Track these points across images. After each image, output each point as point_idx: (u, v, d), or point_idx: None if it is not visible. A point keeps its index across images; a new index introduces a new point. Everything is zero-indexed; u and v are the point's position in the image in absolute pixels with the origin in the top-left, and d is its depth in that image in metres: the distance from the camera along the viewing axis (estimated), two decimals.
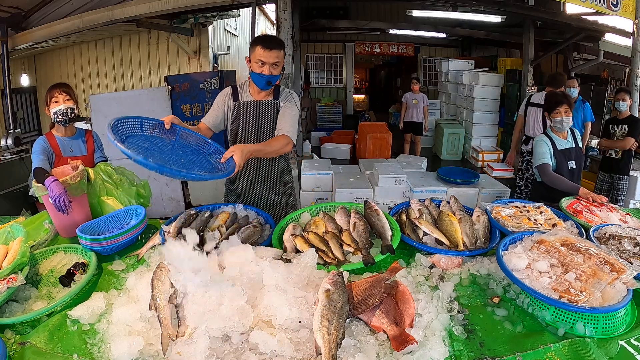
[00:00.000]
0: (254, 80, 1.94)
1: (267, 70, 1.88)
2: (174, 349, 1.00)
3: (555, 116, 2.52)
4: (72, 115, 2.15)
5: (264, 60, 1.86)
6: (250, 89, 2.04)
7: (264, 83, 1.92)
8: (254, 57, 1.88)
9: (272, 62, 1.87)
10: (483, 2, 5.65)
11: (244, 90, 2.06)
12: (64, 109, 2.12)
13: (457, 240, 1.49)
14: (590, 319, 1.06)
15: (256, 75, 1.90)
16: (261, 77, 1.90)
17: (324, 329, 0.96)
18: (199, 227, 1.60)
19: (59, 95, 2.11)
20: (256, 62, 1.88)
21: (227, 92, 2.06)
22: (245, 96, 2.05)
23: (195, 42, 6.44)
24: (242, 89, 2.06)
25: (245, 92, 2.05)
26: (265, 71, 1.88)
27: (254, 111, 2.03)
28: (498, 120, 7.23)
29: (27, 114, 6.47)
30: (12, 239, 1.45)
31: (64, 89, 2.13)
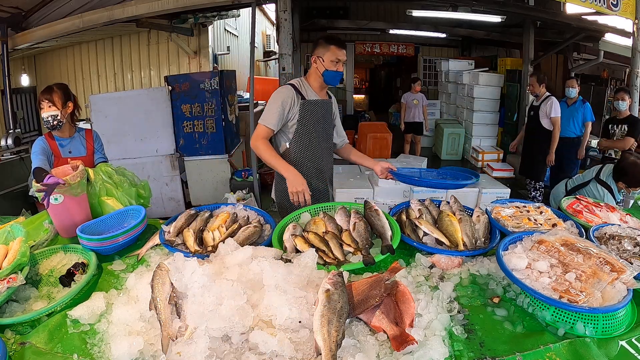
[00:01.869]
0: (329, 78, 2.04)
1: (340, 68, 2.04)
2: (174, 349, 1.00)
3: (635, 189, 2.61)
4: (55, 122, 2.13)
5: (340, 58, 2.01)
6: (313, 87, 2.11)
7: (337, 80, 2.06)
8: (329, 56, 2.00)
9: (344, 59, 2.04)
10: (483, 2, 5.65)
11: (306, 89, 2.09)
12: (46, 117, 2.12)
13: (457, 240, 1.49)
14: (590, 319, 1.06)
15: (332, 73, 2.02)
16: (337, 74, 2.03)
17: (324, 329, 0.96)
18: (199, 227, 1.61)
19: (43, 102, 2.12)
20: (332, 61, 2.00)
21: (290, 91, 2.05)
22: (310, 95, 2.09)
23: (195, 42, 6.45)
24: (302, 88, 2.08)
25: (308, 91, 2.09)
26: (340, 68, 2.03)
27: (322, 110, 2.11)
28: (498, 120, 7.23)
29: (27, 114, 6.47)
30: (12, 239, 1.44)
31: (46, 96, 2.12)
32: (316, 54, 2.05)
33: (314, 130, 2.09)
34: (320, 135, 2.12)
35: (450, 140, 7.31)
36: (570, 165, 4.59)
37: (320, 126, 2.11)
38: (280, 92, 2.05)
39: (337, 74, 2.04)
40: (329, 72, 2.03)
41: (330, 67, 2.02)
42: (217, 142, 4.89)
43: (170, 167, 4.78)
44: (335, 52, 2.00)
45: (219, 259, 1.31)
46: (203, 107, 4.75)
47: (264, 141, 1.99)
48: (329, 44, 2.00)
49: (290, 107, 2.03)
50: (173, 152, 4.78)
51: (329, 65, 2.02)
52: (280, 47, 3.99)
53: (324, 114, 2.12)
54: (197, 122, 4.79)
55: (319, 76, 2.06)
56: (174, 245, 1.52)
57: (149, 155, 4.69)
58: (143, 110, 4.62)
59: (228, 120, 5.00)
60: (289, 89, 2.05)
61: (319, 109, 2.10)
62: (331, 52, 2.00)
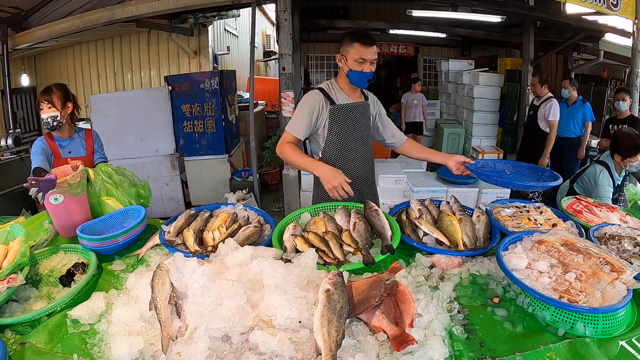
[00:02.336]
0: (353, 79, 1.87)
1: (367, 68, 1.83)
2: (174, 349, 1.00)
3: (631, 161, 2.58)
4: (55, 123, 2.14)
5: (364, 57, 1.81)
6: (343, 89, 1.95)
7: (364, 81, 1.87)
8: (352, 55, 1.81)
9: (372, 58, 1.82)
10: (483, 2, 5.65)
11: (335, 92, 1.94)
12: (46, 118, 2.12)
13: (457, 240, 1.49)
14: (590, 319, 1.06)
15: (356, 73, 1.84)
16: (362, 75, 1.84)
17: (324, 329, 0.96)
18: (199, 227, 1.61)
19: (42, 103, 2.12)
20: (355, 60, 1.81)
21: (318, 96, 1.90)
22: (341, 98, 1.93)
23: (195, 42, 6.45)
24: (332, 91, 1.94)
25: (338, 94, 1.94)
26: (365, 69, 1.83)
27: (353, 114, 1.94)
28: (498, 120, 7.23)
29: (27, 114, 6.47)
30: (12, 239, 1.44)
31: (46, 97, 2.12)
32: (341, 51, 1.88)
33: (348, 136, 1.93)
34: (356, 141, 1.96)
35: (450, 140, 7.31)
36: (570, 165, 4.59)
37: (353, 132, 1.95)
38: (307, 98, 1.91)
39: (362, 75, 1.84)
40: (354, 73, 1.85)
41: (355, 67, 1.83)
42: (217, 142, 4.89)
43: (170, 167, 4.78)
44: (359, 50, 1.80)
45: (219, 259, 1.31)
46: (203, 107, 4.76)
47: (289, 144, 1.85)
48: (353, 41, 1.81)
49: (318, 114, 1.89)
50: (173, 152, 4.78)
51: (352, 65, 1.83)
52: (280, 47, 3.99)
53: (357, 117, 1.95)
54: (197, 122, 4.79)
55: (345, 77, 1.90)
56: (174, 245, 1.52)
57: (149, 155, 4.69)
58: (143, 110, 4.62)
59: (228, 120, 5.00)
60: (317, 94, 1.91)
61: (351, 113, 1.93)
62: (355, 49, 1.81)
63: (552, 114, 4.31)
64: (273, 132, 7.02)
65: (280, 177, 4.52)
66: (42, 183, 1.57)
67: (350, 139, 1.94)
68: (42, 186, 1.57)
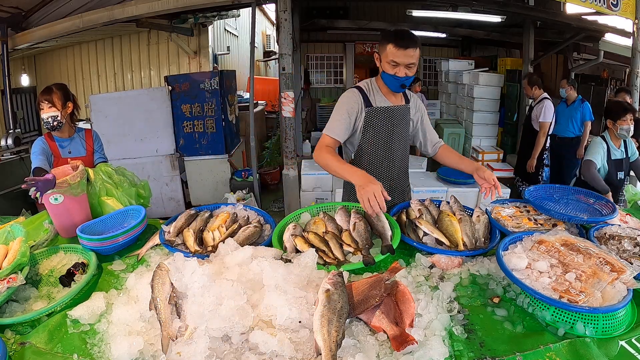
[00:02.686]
0: (386, 82, 1.75)
1: (401, 72, 1.67)
2: (174, 349, 1.00)
3: (622, 124, 2.67)
4: (55, 123, 2.14)
5: (397, 61, 1.65)
6: (382, 90, 1.82)
7: (397, 86, 1.72)
8: (386, 56, 1.67)
9: (407, 62, 1.66)
10: (483, 2, 5.65)
11: (374, 93, 1.81)
12: (46, 118, 2.12)
13: (457, 240, 1.49)
14: (590, 319, 1.06)
15: (389, 77, 1.70)
16: (395, 79, 1.69)
17: (324, 329, 0.96)
18: (199, 227, 1.61)
19: (43, 103, 2.11)
20: (388, 62, 1.67)
21: (357, 97, 1.78)
22: (379, 100, 1.81)
23: (195, 42, 6.45)
24: (370, 92, 1.81)
25: (377, 95, 1.81)
26: (399, 73, 1.67)
27: (391, 118, 1.82)
28: (498, 120, 7.23)
29: (27, 114, 6.47)
30: (12, 239, 1.44)
31: (46, 97, 2.11)
32: (378, 49, 1.72)
33: (382, 143, 1.82)
34: (382, 144, 1.84)
35: (450, 140, 7.31)
36: (570, 165, 4.59)
37: (389, 138, 1.83)
38: (346, 98, 1.78)
39: (395, 79, 1.68)
40: (386, 76, 1.70)
41: (387, 70, 1.68)
42: (217, 142, 4.89)
43: (170, 167, 4.78)
44: (392, 52, 1.64)
45: (219, 259, 1.31)
46: (203, 107, 4.76)
47: (327, 148, 1.69)
48: (387, 41, 1.65)
49: (357, 116, 1.76)
50: (173, 152, 4.78)
51: (385, 67, 1.69)
52: (280, 47, 3.99)
53: (394, 123, 1.82)
54: (197, 122, 4.79)
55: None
56: (174, 245, 1.52)
57: (149, 155, 4.69)
58: (143, 110, 4.62)
59: (228, 120, 5.01)
60: (355, 94, 1.78)
61: (388, 118, 1.81)
62: (388, 50, 1.65)
63: (542, 115, 4.28)
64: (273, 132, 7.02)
65: (280, 177, 4.52)
66: (40, 183, 1.57)
67: (384, 145, 1.84)
68: (40, 186, 1.57)
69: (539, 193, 1.86)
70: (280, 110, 4.15)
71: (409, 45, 1.64)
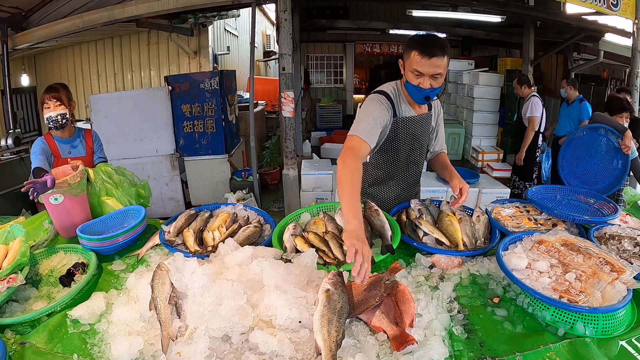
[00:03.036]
0: (410, 92, 1.61)
1: (426, 83, 1.51)
2: (174, 349, 1.00)
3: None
4: (64, 121, 2.13)
5: (421, 70, 1.49)
6: (407, 98, 1.69)
7: (421, 98, 1.58)
8: (409, 64, 1.52)
9: (433, 73, 1.49)
10: (483, 2, 5.65)
11: (400, 102, 1.68)
12: (54, 116, 2.10)
13: (457, 240, 1.49)
14: (590, 319, 1.06)
15: (412, 87, 1.55)
16: (419, 91, 1.54)
17: (324, 329, 0.96)
18: (199, 227, 1.61)
19: (49, 102, 2.09)
20: (412, 72, 1.52)
21: (385, 105, 1.63)
22: (404, 110, 1.68)
23: (195, 42, 6.45)
24: (397, 99, 1.67)
25: (403, 104, 1.68)
26: (423, 84, 1.51)
27: (414, 128, 1.73)
28: (498, 120, 7.23)
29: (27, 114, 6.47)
30: (12, 239, 1.45)
31: (54, 94, 2.10)
32: (403, 56, 1.58)
33: (400, 147, 1.74)
34: (405, 153, 1.76)
35: (450, 140, 7.31)
36: None
37: (408, 145, 1.75)
38: (374, 106, 1.61)
39: (418, 90, 1.53)
40: (409, 86, 1.56)
41: (411, 79, 1.53)
42: (217, 142, 4.89)
43: (170, 167, 4.78)
44: (417, 60, 1.48)
45: (219, 259, 1.31)
46: (203, 107, 4.76)
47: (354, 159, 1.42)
48: (411, 48, 1.49)
49: (385, 125, 1.63)
50: (173, 152, 4.78)
51: (409, 76, 1.54)
52: (280, 47, 3.99)
53: (417, 133, 1.74)
54: (197, 122, 4.79)
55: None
56: (174, 245, 1.52)
57: (149, 155, 4.69)
58: (143, 110, 4.62)
59: (228, 120, 5.01)
60: (384, 102, 1.63)
61: (412, 128, 1.71)
62: (412, 58, 1.49)
63: (529, 110, 4.41)
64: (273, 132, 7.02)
65: (280, 177, 4.52)
66: (38, 185, 1.55)
67: (403, 155, 1.77)
68: (38, 188, 1.55)
69: (541, 193, 1.88)
70: (280, 110, 4.15)
71: (435, 54, 1.46)
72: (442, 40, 1.51)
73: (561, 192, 1.91)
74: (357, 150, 1.48)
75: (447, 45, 1.50)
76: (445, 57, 1.49)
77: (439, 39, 1.52)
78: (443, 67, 1.50)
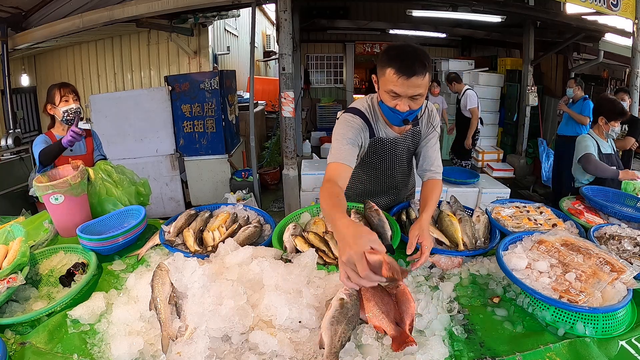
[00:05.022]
0: (385, 114, 1.44)
1: (403, 106, 1.32)
2: (174, 349, 1.00)
3: (614, 125, 2.65)
4: (82, 115, 2.21)
5: (398, 92, 1.30)
6: (384, 118, 1.53)
7: (398, 121, 1.39)
8: (385, 84, 1.32)
9: (412, 94, 1.30)
10: (483, 2, 5.65)
11: (376, 120, 1.54)
12: (75, 108, 2.17)
13: (457, 240, 1.49)
14: (590, 319, 1.06)
15: (388, 110, 1.37)
16: (395, 114, 1.36)
17: (332, 327, 0.96)
18: (199, 227, 1.61)
19: (69, 95, 2.17)
20: (387, 92, 1.32)
21: (359, 125, 1.49)
22: (382, 129, 1.55)
23: (195, 42, 6.44)
24: (373, 118, 1.53)
25: (379, 123, 1.54)
26: (400, 107, 1.32)
27: (395, 149, 1.60)
28: (498, 120, 7.24)
29: (27, 114, 6.47)
30: (12, 239, 1.44)
31: (71, 88, 2.19)
32: (377, 70, 1.38)
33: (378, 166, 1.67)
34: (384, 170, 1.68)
35: (450, 140, 7.31)
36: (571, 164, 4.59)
37: (388, 163, 1.66)
38: (347, 127, 1.47)
39: (394, 113, 1.36)
40: (385, 108, 1.38)
41: (385, 99, 1.35)
42: (217, 142, 4.89)
43: (170, 167, 4.78)
44: (392, 80, 1.28)
45: (219, 259, 1.31)
46: (203, 107, 4.76)
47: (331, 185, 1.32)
48: (386, 64, 1.29)
49: (361, 145, 1.51)
50: (173, 152, 4.79)
51: (383, 95, 1.36)
52: (280, 47, 3.99)
53: (398, 153, 1.63)
54: (197, 122, 4.80)
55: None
56: (174, 245, 1.52)
57: (149, 155, 4.69)
58: (143, 110, 4.62)
59: (228, 120, 5.01)
60: (357, 121, 1.49)
61: (393, 148, 1.61)
62: (387, 76, 1.30)
63: (469, 103, 4.96)
64: (273, 132, 7.02)
65: (280, 177, 4.52)
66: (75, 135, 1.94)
67: (382, 170, 1.68)
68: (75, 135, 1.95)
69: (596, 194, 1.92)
70: (280, 110, 4.15)
71: (415, 72, 1.26)
72: (422, 55, 1.30)
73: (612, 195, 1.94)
74: (336, 178, 1.36)
75: (427, 60, 1.29)
76: (427, 74, 1.29)
77: (419, 53, 1.30)
78: (424, 86, 1.30)
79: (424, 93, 1.32)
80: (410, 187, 1.93)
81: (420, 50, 1.31)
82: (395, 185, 1.82)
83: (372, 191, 1.81)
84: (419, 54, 1.29)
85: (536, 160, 6.14)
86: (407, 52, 1.29)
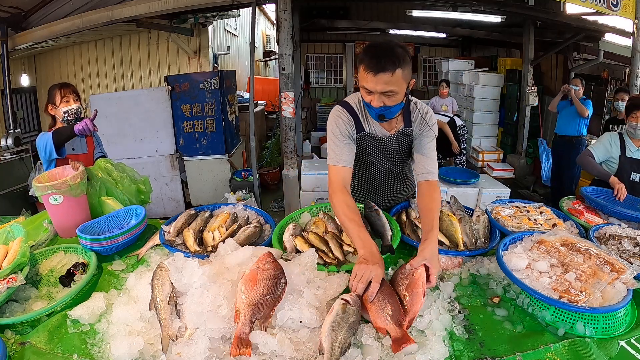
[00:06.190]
0: (366, 109, 1.47)
1: (376, 101, 1.35)
2: (174, 349, 1.00)
3: (631, 120, 2.45)
4: (82, 115, 2.20)
5: (368, 87, 1.33)
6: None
7: (374, 115, 1.44)
8: (359, 79, 1.37)
9: (382, 90, 1.31)
10: (483, 2, 5.65)
11: (366, 116, 1.55)
12: (76, 109, 2.17)
13: (457, 240, 1.49)
14: (590, 319, 1.06)
15: (365, 104, 1.43)
16: (370, 108, 1.41)
17: (333, 332, 0.96)
18: (199, 227, 1.61)
19: (70, 95, 2.17)
20: (362, 88, 1.37)
21: (347, 119, 1.52)
22: (372, 125, 1.56)
23: (195, 42, 6.44)
24: (362, 114, 1.55)
25: (370, 119, 1.56)
26: (374, 102, 1.35)
27: (384, 145, 1.61)
28: (498, 120, 7.24)
29: (27, 114, 6.47)
30: (12, 239, 1.44)
31: (72, 89, 2.19)
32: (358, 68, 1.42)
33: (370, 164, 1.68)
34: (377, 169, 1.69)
35: None
36: (570, 164, 4.60)
37: (378, 162, 1.67)
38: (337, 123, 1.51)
39: (370, 109, 1.41)
40: (364, 102, 1.42)
41: (363, 96, 1.39)
42: (217, 142, 4.89)
43: (170, 167, 4.79)
44: (363, 77, 1.33)
45: (219, 259, 1.31)
46: (203, 107, 4.76)
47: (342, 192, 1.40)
48: (360, 62, 1.33)
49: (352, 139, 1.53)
50: (173, 152, 4.79)
51: (362, 92, 1.40)
52: (280, 47, 3.99)
53: (388, 151, 1.63)
54: (197, 122, 4.80)
55: None
56: (174, 245, 1.52)
57: (149, 155, 4.70)
58: (143, 110, 4.63)
59: (228, 120, 5.01)
60: (344, 116, 1.52)
61: (382, 146, 1.62)
62: (360, 74, 1.35)
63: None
64: (273, 132, 7.02)
65: (280, 177, 4.52)
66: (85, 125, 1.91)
67: (375, 168, 1.70)
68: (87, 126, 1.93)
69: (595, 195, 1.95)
70: (280, 110, 4.15)
71: (383, 69, 1.27)
72: (395, 52, 1.29)
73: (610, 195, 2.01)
74: (340, 180, 1.45)
75: (401, 57, 1.28)
76: (398, 70, 1.28)
77: (392, 50, 1.29)
78: (395, 83, 1.29)
79: (397, 90, 1.32)
80: (411, 188, 1.94)
81: (396, 47, 1.31)
82: (389, 185, 1.82)
83: (365, 189, 1.81)
84: (391, 51, 1.29)
85: (536, 160, 6.14)
86: (378, 49, 1.31)
